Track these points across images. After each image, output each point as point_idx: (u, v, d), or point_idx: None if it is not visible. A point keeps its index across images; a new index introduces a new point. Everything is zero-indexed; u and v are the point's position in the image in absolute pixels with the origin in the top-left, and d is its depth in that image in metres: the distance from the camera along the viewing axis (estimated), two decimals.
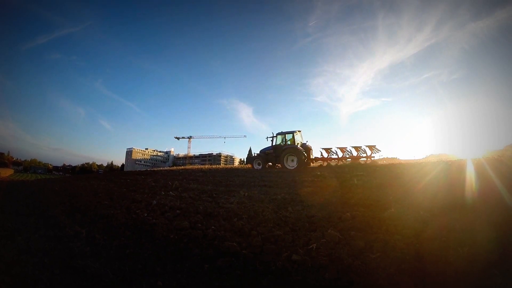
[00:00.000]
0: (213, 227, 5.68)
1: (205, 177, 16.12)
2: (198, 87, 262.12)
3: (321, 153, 21.67)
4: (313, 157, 21.82)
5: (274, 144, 22.27)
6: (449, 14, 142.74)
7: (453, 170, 9.62)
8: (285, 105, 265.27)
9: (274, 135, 22.37)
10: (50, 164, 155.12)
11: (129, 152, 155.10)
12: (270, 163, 21.97)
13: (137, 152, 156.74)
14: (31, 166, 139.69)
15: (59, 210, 9.40)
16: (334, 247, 4.08)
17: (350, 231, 4.54)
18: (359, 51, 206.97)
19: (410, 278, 3.12)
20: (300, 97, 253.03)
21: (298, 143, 21.13)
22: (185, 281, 3.80)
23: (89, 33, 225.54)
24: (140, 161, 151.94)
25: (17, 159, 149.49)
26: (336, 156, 20.86)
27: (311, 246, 4.15)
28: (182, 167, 36.59)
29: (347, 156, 20.74)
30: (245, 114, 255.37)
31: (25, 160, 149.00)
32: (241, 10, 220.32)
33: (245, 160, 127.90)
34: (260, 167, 22.05)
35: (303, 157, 19.85)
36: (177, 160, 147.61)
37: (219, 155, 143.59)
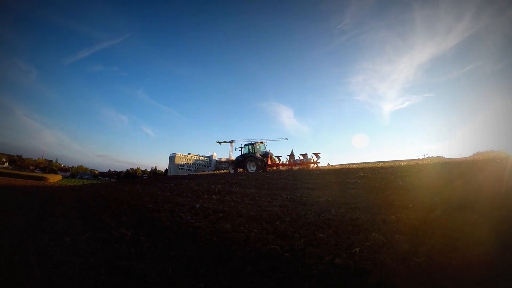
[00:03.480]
0: (255, 230, 5.74)
1: (247, 181, 16.22)
2: (237, 91, 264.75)
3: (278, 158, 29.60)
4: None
5: (242, 153, 28.65)
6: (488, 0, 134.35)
7: (503, 168, 9.12)
8: (325, 106, 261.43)
9: (243, 146, 28.88)
10: (96, 170, 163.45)
11: (172, 157, 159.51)
12: (240, 169, 27.27)
13: (180, 157, 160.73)
14: (78, 172, 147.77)
15: (105, 214, 9.85)
16: (377, 250, 4.00)
17: (394, 234, 4.41)
18: (398, 45, 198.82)
19: (455, 285, 3.03)
20: (340, 97, 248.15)
21: (257, 152, 27.14)
22: (227, 283, 3.87)
23: (128, 44, 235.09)
24: (183, 166, 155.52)
25: (65, 165, 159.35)
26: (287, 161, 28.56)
27: (354, 250, 4.09)
28: (225, 170, 36.93)
29: (298, 161, 27.71)
30: (286, 116, 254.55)
31: (72, 167, 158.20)
32: (276, 12, 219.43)
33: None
34: (233, 171, 27.81)
35: (260, 164, 25.63)
36: (220, 164, 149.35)
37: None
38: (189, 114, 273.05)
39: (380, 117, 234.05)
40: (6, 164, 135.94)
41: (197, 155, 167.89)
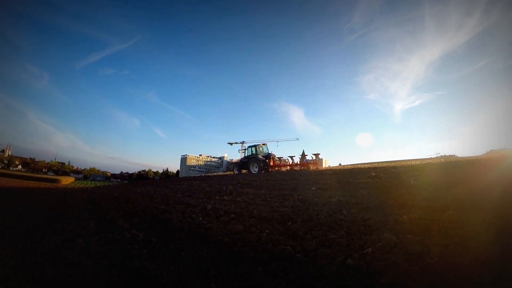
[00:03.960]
0: (267, 230, 5.75)
1: (258, 181, 16.24)
2: (247, 92, 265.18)
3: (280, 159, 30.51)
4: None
5: (245, 155, 30.07)
6: None
7: None
8: (336, 105, 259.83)
9: (246, 148, 30.80)
10: (108, 172, 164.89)
11: (183, 159, 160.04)
12: (245, 170, 28.52)
13: (192, 159, 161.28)
14: (91, 174, 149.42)
15: (117, 215, 9.98)
16: (390, 251, 3.97)
17: (407, 235, 4.38)
18: (408, 43, 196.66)
19: (469, 285, 3.00)
20: (351, 96, 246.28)
21: (259, 154, 28.49)
22: (239, 284, 3.89)
23: (138, 47, 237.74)
24: (195, 167, 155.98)
25: (77, 168, 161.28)
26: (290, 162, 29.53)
27: (366, 250, 4.07)
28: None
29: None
30: (296, 116, 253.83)
31: (85, 169, 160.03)
32: (285, 13, 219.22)
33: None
34: (237, 172, 29.07)
35: (262, 165, 26.81)
36: (231, 165, 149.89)
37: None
38: (200, 115, 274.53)
39: (391, 116, 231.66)
40: (19, 166, 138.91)
41: (208, 156, 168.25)
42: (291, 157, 30.75)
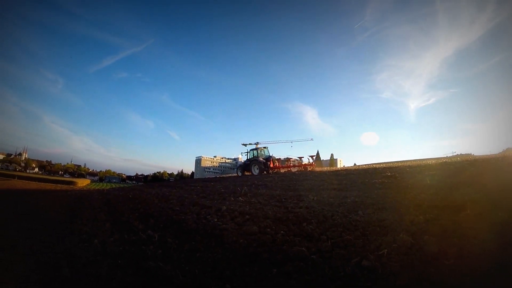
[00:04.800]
0: (282, 232, 5.77)
1: (273, 182, 16.24)
2: (261, 93, 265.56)
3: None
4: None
5: (248, 157, 32.14)
6: None
7: None
8: (350, 105, 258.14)
9: (248, 151, 32.54)
10: (124, 174, 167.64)
11: (198, 160, 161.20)
12: (248, 172, 30.05)
13: (206, 160, 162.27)
14: (106, 176, 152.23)
15: (133, 216, 10.09)
16: (406, 252, 3.95)
17: (423, 236, 4.33)
18: (421, 40, 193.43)
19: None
20: (365, 95, 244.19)
21: (260, 157, 30.36)
22: (253, 285, 3.92)
23: (151, 51, 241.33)
24: (209, 169, 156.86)
25: (93, 170, 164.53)
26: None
27: (382, 252, 4.05)
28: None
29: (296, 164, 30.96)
30: (310, 116, 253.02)
31: (100, 171, 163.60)
32: (296, 12, 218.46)
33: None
34: (241, 174, 30.98)
35: (262, 166, 28.68)
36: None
37: (287, 160, 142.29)
38: (214, 117, 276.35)
39: (406, 115, 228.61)
40: (36, 169, 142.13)
41: (222, 158, 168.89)
42: (300, 157, 32.71)
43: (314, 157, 31.03)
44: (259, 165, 28.99)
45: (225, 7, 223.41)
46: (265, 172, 28.53)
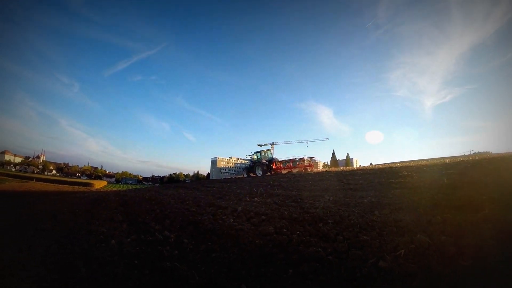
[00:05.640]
0: (298, 232, 5.79)
1: (289, 183, 16.23)
2: (275, 93, 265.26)
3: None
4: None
5: (252, 160, 35.05)
6: None
7: None
8: (365, 104, 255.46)
9: (253, 153, 35.43)
10: (140, 175, 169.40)
11: (214, 161, 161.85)
12: (253, 174, 32.07)
13: (222, 161, 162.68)
14: (123, 178, 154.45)
15: (149, 217, 10.25)
16: (423, 253, 3.91)
17: (440, 236, 4.30)
18: (435, 36, 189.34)
19: None
20: (379, 94, 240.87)
21: (263, 159, 32.80)
22: (269, 286, 3.96)
23: (165, 53, 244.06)
24: (225, 170, 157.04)
25: (110, 172, 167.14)
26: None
27: (399, 252, 4.03)
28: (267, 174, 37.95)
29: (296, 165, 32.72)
30: (325, 116, 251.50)
31: (117, 173, 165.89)
32: (309, 12, 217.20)
33: (329, 164, 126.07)
34: (247, 175, 33.11)
35: (265, 168, 30.94)
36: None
37: (302, 160, 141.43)
38: (229, 118, 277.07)
39: (422, 113, 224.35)
40: (54, 171, 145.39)
41: (238, 159, 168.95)
42: (311, 158, 35.61)
43: (314, 158, 33.91)
44: (262, 166, 31.36)
45: (237, 8, 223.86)
46: (268, 173, 30.70)
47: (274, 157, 33.76)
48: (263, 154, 34.01)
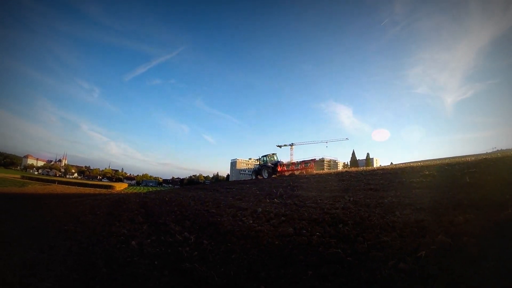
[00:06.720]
0: (318, 233, 5.82)
1: (308, 184, 16.24)
2: (294, 93, 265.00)
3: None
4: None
5: (259, 163, 38.21)
6: None
7: None
8: (384, 102, 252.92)
9: (260, 157, 38.45)
10: (160, 178, 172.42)
11: (233, 163, 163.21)
12: (260, 176, 34.78)
13: (241, 163, 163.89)
14: (143, 180, 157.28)
15: (169, 218, 10.42)
16: (444, 254, 3.86)
17: (462, 237, 4.22)
18: (454, 30, 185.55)
19: None
20: (398, 91, 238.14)
21: (269, 162, 35.80)
22: (288, 287, 3.99)
23: (183, 57, 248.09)
24: (244, 171, 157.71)
25: (130, 174, 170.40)
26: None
27: (420, 254, 4.01)
28: (287, 174, 38.30)
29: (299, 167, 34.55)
30: (345, 115, 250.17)
31: (137, 175, 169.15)
32: (325, 10, 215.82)
33: (349, 164, 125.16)
34: (255, 177, 35.67)
35: (270, 171, 33.69)
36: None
37: (322, 160, 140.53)
38: (248, 120, 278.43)
39: (442, 110, 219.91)
40: (75, 174, 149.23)
41: (257, 160, 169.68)
42: (312, 159, 36.11)
43: (314, 159, 35.50)
44: (267, 169, 34.47)
45: (254, 11, 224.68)
46: (273, 175, 33.28)
47: (279, 160, 36.74)
48: (269, 158, 37.37)
